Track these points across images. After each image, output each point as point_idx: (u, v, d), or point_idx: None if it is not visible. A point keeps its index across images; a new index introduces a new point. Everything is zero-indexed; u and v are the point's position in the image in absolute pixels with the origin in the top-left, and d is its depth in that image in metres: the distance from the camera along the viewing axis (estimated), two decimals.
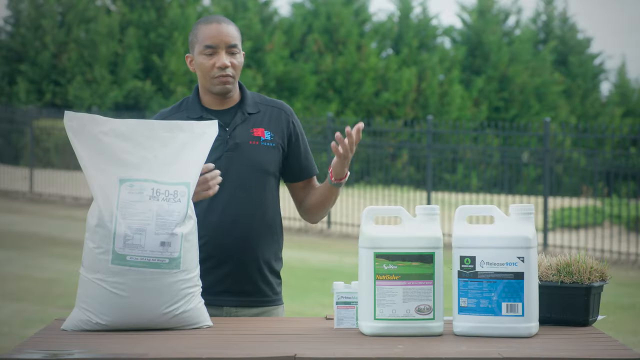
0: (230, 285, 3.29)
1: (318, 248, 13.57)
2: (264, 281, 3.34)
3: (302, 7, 28.54)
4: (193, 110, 3.34)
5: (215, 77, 3.28)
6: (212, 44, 3.27)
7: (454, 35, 29.92)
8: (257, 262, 3.31)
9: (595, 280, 2.85)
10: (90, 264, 2.79)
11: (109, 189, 2.81)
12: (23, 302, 9.31)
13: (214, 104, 3.35)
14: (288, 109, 3.41)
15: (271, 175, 3.33)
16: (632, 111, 30.37)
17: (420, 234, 2.70)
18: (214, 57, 3.28)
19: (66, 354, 2.44)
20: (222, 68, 3.27)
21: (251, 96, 3.39)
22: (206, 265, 3.26)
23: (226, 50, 3.28)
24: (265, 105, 3.39)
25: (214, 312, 3.27)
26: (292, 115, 3.41)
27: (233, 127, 3.31)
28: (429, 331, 2.69)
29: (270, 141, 3.33)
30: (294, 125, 3.40)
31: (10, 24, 26.86)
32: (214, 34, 3.27)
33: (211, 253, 3.26)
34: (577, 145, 22.64)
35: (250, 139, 3.31)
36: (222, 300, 3.30)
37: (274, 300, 3.37)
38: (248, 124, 3.33)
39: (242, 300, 3.31)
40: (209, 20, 3.31)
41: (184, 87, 26.00)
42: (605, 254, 13.38)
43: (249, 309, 3.31)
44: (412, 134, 20.70)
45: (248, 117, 3.34)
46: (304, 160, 3.41)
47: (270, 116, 3.37)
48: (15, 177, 19.96)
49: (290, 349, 2.51)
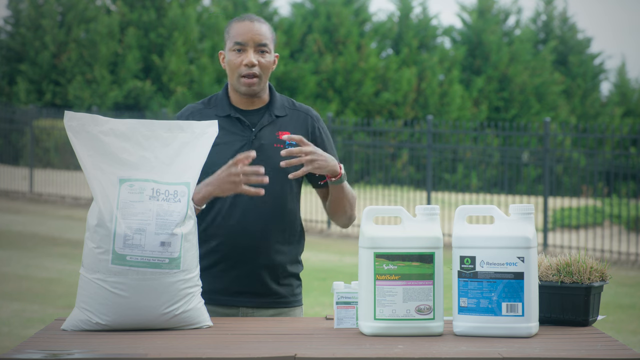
0: (246, 287, 3.28)
1: (318, 248, 13.57)
2: (281, 284, 3.33)
3: (302, 7, 28.53)
4: (221, 108, 3.33)
5: (241, 76, 3.26)
6: (241, 41, 3.25)
7: (454, 35, 29.91)
8: (274, 265, 3.30)
9: (595, 280, 2.85)
10: (90, 264, 2.79)
11: (109, 189, 2.81)
12: (23, 302, 9.31)
13: (242, 103, 3.34)
14: (315, 115, 3.40)
15: (293, 179, 3.31)
16: (632, 111, 30.35)
17: (420, 234, 2.70)
18: (242, 55, 3.26)
19: (66, 354, 2.44)
20: (248, 66, 3.25)
21: (280, 99, 3.38)
22: (222, 266, 3.26)
23: (255, 49, 3.26)
24: (293, 109, 3.38)
25: (230, 312, 3.27)
26: (318, 121, 3.39)
27: (259, 127, 3.30)
28: (429, 331, 2.69)
29: (295, 145, 3.30)
30: (320, 131, 3.38)
31: (10, 24, 26.85)
32: (244, 31, 3.26)
33: (228, 254, 3.26)
34: (577, 145, 22.63)
35: (275, 141, 3.30)
36: (239, 301, 3.29)
37: (291, 301, 3.36)
38: (275, 127, 3.32)
39: (258, 301, 3.30)
40: (242, 18, 3.30)
41: (184, 87, 26.00)
42: (605, 254, 13.37)
43: (265, 310, 3.31)
44: (412, 134, 20.69)
45: (275, 119, 3.33)
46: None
47: (296, 120, 3.35)
48: (15, 177, 19.96)
49: (290, 349, 2.51)
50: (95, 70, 25.56)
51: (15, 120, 21.20)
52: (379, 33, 28.50)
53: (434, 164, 16.15)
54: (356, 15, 28.69)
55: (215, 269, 3.28)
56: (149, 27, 26.73)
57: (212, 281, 3.26)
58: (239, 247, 3.25)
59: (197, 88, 25.95)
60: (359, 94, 26.66)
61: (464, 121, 19.77)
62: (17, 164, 21.05)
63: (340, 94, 26.89)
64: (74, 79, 25.56)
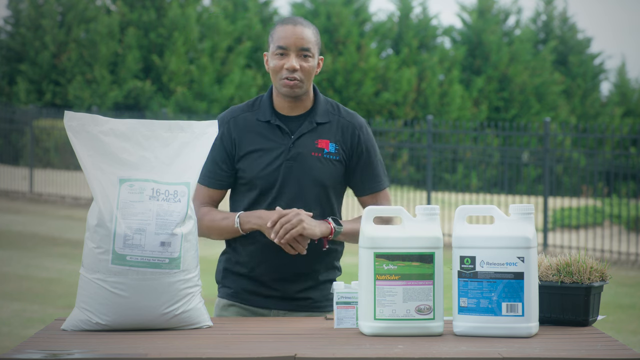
0: (281, 292, 3.29)
1: None
2: (316, 289, 3.33)
3: (302, 7, 28.53)
4: (263, 113, 3.29)
5: (282, 79, 3.22)
6: (283, 45, 3.22)
7: (454, 35, 29.91)
8: (309, 273, 3.30)
9: (595, 280, 2.85)
10: (90, 264, 2.79)
11: (109, 189, 2.81)
12: (23, 302, 9.30)
13: (285, 108, 3.30)
14: (359, 122, 3.33)
15: (330, 188, 3.28)
16: (632, 111, 30.36)
17: (420, 234, 2.70)
18: (284, 59, 3.23)
19: (66, 354, 2.44)
20: (290, 70, 3.21)
21: (324, 104, 3.33)
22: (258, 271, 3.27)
23: (297, 53, 3.22)
24: (337, 115, 3.32)
25: (263, 313, 3.29)
26: (361, 129, 3.32)
27: (298, 135, 3.26)
28: (429, 331, 2.69)
29: (335, 154, 3.28)
30: (360, 139, 3.31)
31: (10, 24, 26.85)
32: (287, 35, 3.23)
33: (262, 259, 3.27)
34: (577, 145, 22.63)
35: (313, 149, 3.26)
36: (272, 303, 3.30)
37: (325, 305, 3.35)
38: (314, 134, 3.28)
39: (291, 305, 3.31)
40: (286, 21, 3.27)
41: (184, 87, 26.00)
42: (605, 254, 13.37)
43: (298, 313, 3.31)
44: (412, 134, 20.69)
45: (316, 126, 3.28)
46: (369, 175, 3.32)
47: (337, 127, 3.30)
48: (15, 177, 19.95)
49: (290, 349, 2.51)
50: (95, 70, 25.56)
51: (15, 120, 21.20)
52: (379, 33, 28.50)
53: (434, 164, 16.16)
54: (356, 15, 28.70)
55: (252, 273, 3.29)
56: (149, 27, 26.73)
57: (248, 284, 3.28)
58: (276, 255, 3.25)
59: (197, 88, 25.96)
60: (359, 94, 26.66)
61: (464, 121, 19.77)
62: (17, 164, 21.05)
63: (340, 94, 26.90)
64: (74, 79, 25.56)
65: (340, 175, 3.30)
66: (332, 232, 3.22)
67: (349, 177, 3.33)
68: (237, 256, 3.30)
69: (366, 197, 3.36)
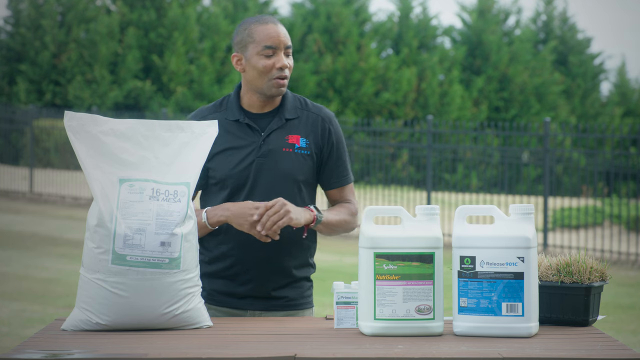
0: (255, 291, 3.28)
1: (318, 248, 13.54)
2: (291, 287, 3.32)
3: (302, 7, 28.53)
4: (232, 112, 3.30)
5: (273, 79, 3.23)
6: (272, 45, 3.23)
7: (454, 35, 29.90)
8: (283, 269, 3.29)
9: (595, 280, 2.85)
10: (90, 264, 2.79)
11: (109, 189, 2.81)
12: (23, 302, 9.30)
13: (254, 106, 3.30)
14: (327, 115, 3.35)
15: (302, 184, 3.29)
16: (632, 111, 30.35)
17: (420, 234, 2.70)
18: (273, 58, 3.23)
19: (66, 354, 2.44)
20: (282, 69, 3.23)
21: (292, 100, 3.34)
22: (232, 271, 3.26)
23: (284, 52, 3.25)
24: (305, 110, 3.33)
25: (239, 314, 3.27)
26: (330, 122, 3.34)
27: (268, 132, 3.27)
28: (429, 331, 2.69)
29: (306, 149, 3.29)
30: (330, 133, 3.33)
31: (10, 24, 26.84)
32: (274, 34, 3.23)
33: (238, 259, 3.26)
34: (577, 145, 22.63)
35: (284, 145, 3.27)
36: (248, 304, 3.29)
37: (301, 304, 3.35)
38: (284, 130, 3.29)
39: (267, 304, 3.30)
40: (264, 20, 3.26)
41: (184, 87, 25.99)
42: (605, 254, 13.37)
43: (274, 312, 3.30)
44: (412, 134, 20.69)
45: (285, 122, 3.29)
46: (336, 170, 3.35)
47: (307, 122, 3.31)
48: (15, 177, 19.95)
49: (290, 349, 2.51)
50: (95, 70, 25.55)
51: (15, 120, 21.20)
52: (379, 33, 28.50)
53: (434, 164, 16.15)
54: (356, 15, 28.69)
55: (225, 272, 3.28)
56: (149, 27, 26.73)
57: (221, 284, 3.27)
58: (249, 252, 3.25)
59: (197, 88, 25.95)
60: (359, 94, 26.66)
61: (464, 121, 19.76)
62: (17, 164, 21.05)
63: (340, 94, 26.89)
64: (74, 79, 25.56)
65: (312, 169, 3.31)
66: (315, 219, 3.22)
67: (318, 170, 3.35)
68: (209, 254, 3.30)
69: (334, 191, 3.38)
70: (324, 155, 3.33)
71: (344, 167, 3.38)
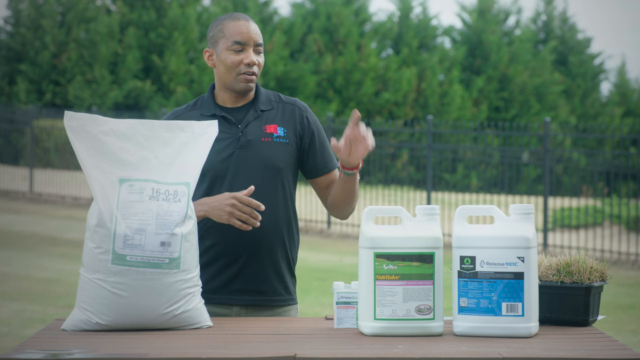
0: (243, 285, 3.27)
1: (318, 248, 13.57)
2: (277, 279, 3.31)
3: (302, 7, 28.53)
4: (207, 108, 3.33)
5: (240, 74, 3.27)
6: (241, 41, 3.26)
7: (454, 35, 29.91)
8: (268, 260, 3.28)
9: (595, 280, 2.85)
10: (90, 264, 2.79)
11: (109, 189, 2.81)
12: (23, 302, 9.30)
13: (228, 101, 3.34)
14: (302, 105, 3.38)
15: (283, 172, 3.29)
16: (632, 111, 30.36)
17: (420, 234, 2.70)
18: (241, 54, 3.27)
19: (66, 354, 2.44)
20: (249, 65, 3.26)
21: (265, 94, 3.38)
22: (217, 265, 3.26)
23: (254, 49, 3.28)
24: (279, 102, 3.37)
25: (224, 311, 3.26)
26: (306, 111, 3.37)
27: (245, 124, 3.30)
28: (429, 331, 2.69)
29: (284, 137, 3.30)
30: (309, 121, 3.36)
31: (10, 24, 26.85)
32: (244, 30, 3.27)
33: (221, 252, 3.25)
34: (577, 145, 22.63)
35: (262, 135, 3.29)
36: (232, 299, 3.27)
37: (286, 299, 3.34)
38: (261, 121, 3.31)
39: (255, 299, 3.28)
40: (236, 17, 3.30)
41: (184, 87, 26.00)
42: (605, 254, 13.37)
43: (260, 311, 3.29)
44: (412, 134, 20.69)
45: (261, 114, 3.32)
46: (321, 156, 3.36)
47: (283, 112, 3.34)
48: (15, 177, 19.95)
49: (290, 349, 2.51)
50: (95, 70, 25.56)
51: (15, 120, 21.20)
52: (379, 33, 28.50)
53: (434, 164, 16.15)
54: (356, 15, 28.69)
55: (209, 267, 3.27)
56: (149, 27, 26.73)
57: (206, 280, 3.26)
58: (231, 245, 3.25)
59: (197, 88, 25.95)
60: (359, 94, 26.66)
61: (464, 121, 19.77)
62: (17, 164, 21.05)
63: (340, 94, 26.89)
64: (74, 79, 25.56)
65: (292, 157, 3.31)
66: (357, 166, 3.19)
67: (302, 159, 3.35)
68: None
69: (323, 177, 3.37)
70: (305, 143, 3.34)
71: (328, 153, 3.39)
